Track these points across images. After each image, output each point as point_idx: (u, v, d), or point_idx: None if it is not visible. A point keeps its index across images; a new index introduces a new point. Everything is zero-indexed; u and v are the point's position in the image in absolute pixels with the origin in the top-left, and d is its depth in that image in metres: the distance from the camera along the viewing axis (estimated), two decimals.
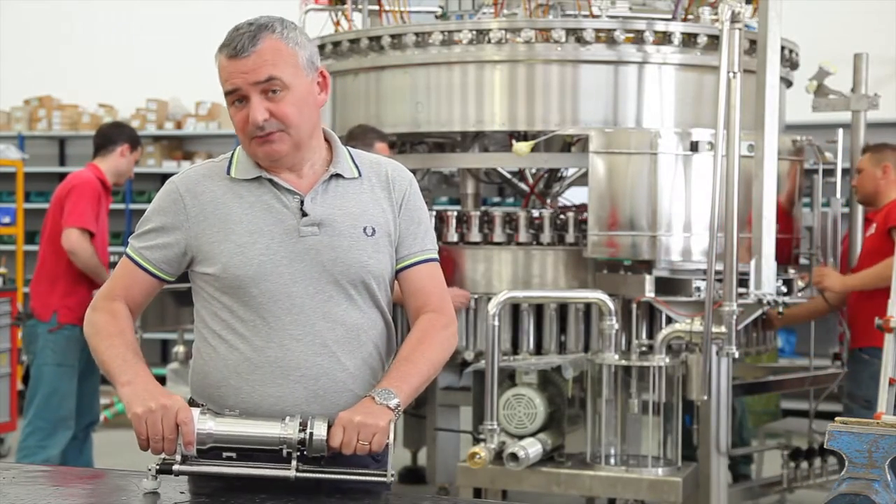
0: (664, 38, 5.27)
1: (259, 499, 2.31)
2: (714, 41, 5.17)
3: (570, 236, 5.33)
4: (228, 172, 2.54)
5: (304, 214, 2.50)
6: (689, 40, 5.30)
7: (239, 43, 2.42)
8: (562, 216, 5.42)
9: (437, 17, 5.82)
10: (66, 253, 5.72)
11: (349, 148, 2.64)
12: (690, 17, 5.52)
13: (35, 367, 5.87)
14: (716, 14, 5.21)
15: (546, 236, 5.35)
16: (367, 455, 2.35)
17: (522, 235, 5.36)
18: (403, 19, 5.79)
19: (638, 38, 5.25)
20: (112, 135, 6.05)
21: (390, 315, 2.63)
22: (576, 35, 5.23)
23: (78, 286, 5.80)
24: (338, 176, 2.55)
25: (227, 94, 2.46)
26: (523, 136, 5.42)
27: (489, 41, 5.29)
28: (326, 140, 2.62)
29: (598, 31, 5.22)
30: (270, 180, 2.51)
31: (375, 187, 2.59)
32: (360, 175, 2.58)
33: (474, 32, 5.31)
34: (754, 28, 5.24)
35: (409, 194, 2.62)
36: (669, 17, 5.50)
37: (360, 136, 5.17)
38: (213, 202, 2.51)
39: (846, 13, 9.24)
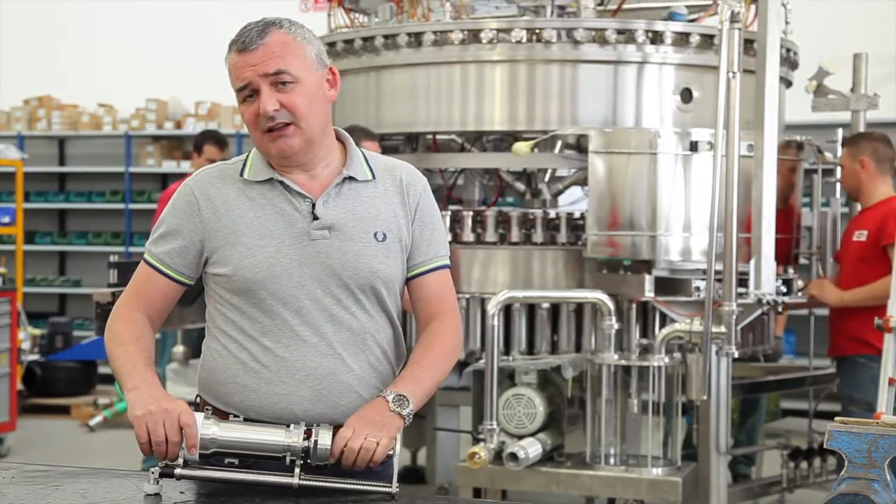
0: (658, 39, 5.27)
1: (259, 498, 2.31)
2: (710, 40, 5.18)
3: (565, 236, 5.33)
4: (242, 174, 2.56)
5: (315, 218, 2.50)
6: (683, 40, 5.29)
7: (247, 37, 2.46)
8: (556, 218, 5.42)
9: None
10: None
11: (364, 151, 2.65)
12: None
13: None
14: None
15: (541, 236, 5.35)
16: (370, 465, 2.36)
17: (516, 235, 5.36)
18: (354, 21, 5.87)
19: (635, 38, 5.24)
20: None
21: (399, 321, 2.63)
22: (592, 34, 5.22)
23: None
24: (351, 178, 2.56)
25: (238, 91, 2.49)
26: (522, 137, 5.41)
27: (489, 41, 5.28)
28: (341, 142, 2.62)
29: (596, 30, 5.21)
30: (282, 182, 2.52)
31: (389, 191, 2.59)
32: (373, 178, 2.59)
33: (494, 31, 5.29)
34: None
35: (423, 200, 2.63)
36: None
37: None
38: (225, 204, 2.53)
39: (846, 13, 9.24)
